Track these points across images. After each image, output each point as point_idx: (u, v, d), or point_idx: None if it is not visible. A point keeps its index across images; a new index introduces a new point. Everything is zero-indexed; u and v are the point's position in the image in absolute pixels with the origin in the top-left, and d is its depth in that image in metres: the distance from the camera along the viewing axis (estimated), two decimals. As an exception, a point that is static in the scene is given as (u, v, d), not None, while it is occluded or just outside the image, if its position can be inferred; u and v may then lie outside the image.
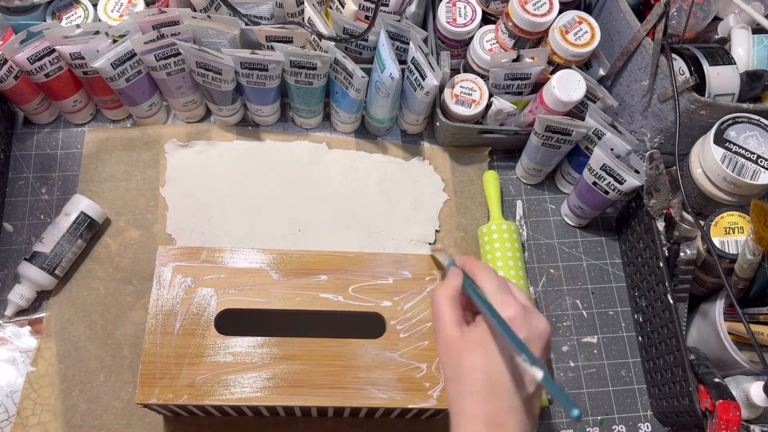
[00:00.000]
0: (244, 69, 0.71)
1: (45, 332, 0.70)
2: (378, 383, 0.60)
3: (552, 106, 0.72)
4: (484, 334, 0.44)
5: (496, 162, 0.84)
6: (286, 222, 0.77)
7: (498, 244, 0.74)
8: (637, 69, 0.73)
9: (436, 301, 0.47)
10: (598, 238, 0.81)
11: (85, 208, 0.72)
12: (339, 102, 0.78)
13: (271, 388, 0.58)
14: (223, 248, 0.64)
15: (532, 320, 0.45)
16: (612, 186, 0.71)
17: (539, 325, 0.45)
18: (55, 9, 0.77)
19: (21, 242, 0.74)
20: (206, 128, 0.81)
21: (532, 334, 0.44)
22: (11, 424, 0.66)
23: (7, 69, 0.71)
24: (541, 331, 0.45)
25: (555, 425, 0.71)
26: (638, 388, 0.73)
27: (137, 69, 0.72)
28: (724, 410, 0.59)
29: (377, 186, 0.80)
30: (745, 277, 0.63)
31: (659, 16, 0.68)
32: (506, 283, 0.47)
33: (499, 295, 0.46)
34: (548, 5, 0.73)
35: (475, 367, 0.43)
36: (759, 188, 0.65)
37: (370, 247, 0.76)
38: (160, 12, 0.70)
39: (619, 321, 0.77)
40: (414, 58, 0.71)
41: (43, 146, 0.80)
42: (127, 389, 0.68)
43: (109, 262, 0.74)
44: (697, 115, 0.69)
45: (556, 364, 0.74)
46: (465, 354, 0.44)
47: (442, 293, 0.47)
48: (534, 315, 0.45)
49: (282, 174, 0.80)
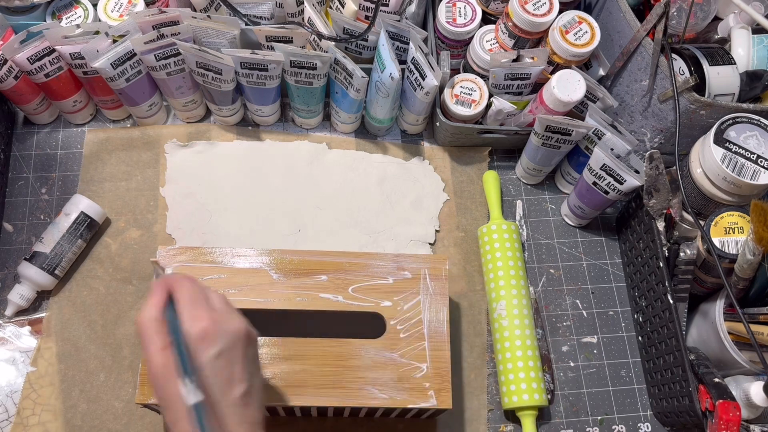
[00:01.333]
0: (244, 69, 0.71)
1: (45, 332, 0.70)
2: (378, 383, 0.60)
3: (552, 106, 0.72)
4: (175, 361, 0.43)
5: (496, 162, 0.84)
6: (286, 222, 0.77)
7: (498, 244, 0.74)
8: (637, 69, 0.73)
9: (140, 325, 0.44)
10: (598, 238, 0.81)
11: (85, 208, 0.72)
12: (339, 102, 0.78)
13: (271, 388, 0.58)
14: (223, 248, 0.64)
15: (225, 327, 0.44)
16: (612, 186, 0.71)
17: (233, 329, 0.45)
18: (55, 9, 0.77)
19: (21, 242, 0.74)
20: (206, 128, 0.81)
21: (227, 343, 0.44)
22: (11, 424, 0.66)
23: (7, 69, 0.71)
24: (235, 335, 0.45)
25: (555, 425, 0.71)
26: (638, 388, 0.73)
27: (137, 69, 0.72)
28: (724, 410, 0.59)
29: (377, 186, 0.80)
30: (745, 277, 0.63)
31: (659, 16, 0.68)
32: (202, 293, 0.46)
33: (191, 308, 0.44)
34: (548, 5, 0.73)
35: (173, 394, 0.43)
36: (759, 188, 0.65)
37: (370, 247, 0.76)
38: (160, 12, 0.70)
39: (619, 321, 0.77)
40: (414, 58, 0.71)
41: (43, 146, 0.80)
42: (127, 389, 0.68)
43: (109, 262, 0.74)
44: (697, 115, 0.69)
45: (556, 364, 0.74)
46: (169, 379, 0.43)
47: (145, 313, 0.44)
48: (228, 321, 0.45)
49: (282, 174, 0.80)
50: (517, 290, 0.72)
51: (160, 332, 0.44)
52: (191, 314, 0.44)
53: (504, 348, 0.70)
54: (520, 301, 0.71)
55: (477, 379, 0.72)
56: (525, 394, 0.67)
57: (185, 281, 0.47)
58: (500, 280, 0.73)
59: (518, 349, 0.69)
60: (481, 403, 0.71)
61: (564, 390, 0.73)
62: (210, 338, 0.44)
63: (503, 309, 0.71)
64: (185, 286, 0.46)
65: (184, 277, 0.47)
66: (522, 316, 0.71)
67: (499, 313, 0.71)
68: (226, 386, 0.44)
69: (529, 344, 0.70)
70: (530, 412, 0.68)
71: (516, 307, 0.71)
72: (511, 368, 0.69)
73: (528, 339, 0.70)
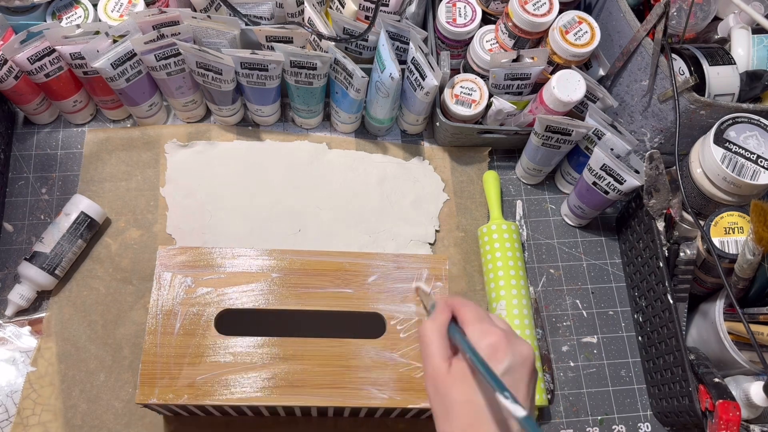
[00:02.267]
0: (244, 69, 0.71)
1: (45, 332, 0.70)
2: (378, 383, 0.60)
3: (552, 106, 0.72)
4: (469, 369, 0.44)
5: (496, 162, 0.84)
6: (286, 222, 0.77)
7: (498, 244, 0.74)
8: (637, 69, 0.73)
9: (424, 334, 0.46)
10: (598, 238, 0.81)
11: (86, 208, 0.72)
12: (339, 102, 0.78)
13: (272, 388, 0.58)
14: (223, 248, 0.64)
15: (515, 347, 0.44)
16: (612, 186, 0.71)
17: (522, 351, 0.44)
18: (55, 9, 0.77)
19: (21, 242, 0.74)
20: (206, 128, 0.81)
21: (515, 361, 0.44)
22: (11, 424, 0.66)
23: (7, 69, 0.71)
24: (525, 356, 0.44)
25: (555, 425, 0.71)
26: (638, 388, 0.74)
27: (137, 69, 0.72)
28: (724, 410, 0.59)
29: (377, 186, 0.80)
30: (745, 277, 0.63)
31: (659, 16, 0.68)
32: (487, 314, 0.47)
33: (479, 325, 0.45)
34: (548, 5, 0.73)
35: (463, 400, 0.43)
36: (759, 188, 0.65)
37: (370, 247, 0.76)
38: (160, 12, 0.70)
39: (619, 321, 0.77)
40: (414, 58, 0.71)
41: (43, 146, 0.80)
42: (128, 389, 0.68)
43: (109, 262, 0.74)
44: (696, 115, 0.69)
45: (556, 363, 0.74)
46: (451, 387, 0.44)
47: (430, 326, 0.46)
48: (516, 341, 0.45)
49: (282, 174, 0.80)
50: (517, 290, 0.72)
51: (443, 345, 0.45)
52: (480, 329, 0.45)
53: (504, 348, 0.70)
54: (520, 301, 0.72)
55: (477, 379, 0.72)
56: (525, 394, 0.67)
57: (469, 303, 0.47)
58: (500, 280, 0.73)
59: (518, 349, 0.69)
60: (481, 403, 0.71)
61: (564, 390, 0.73)
62: (501, 353, 0.43)
63: (503, 309, 0.71)
64: (469, 306, 0.47)
65: (466, 300, 0.48)
66: (522, 316, 0.71)
67: (499, 312, 0.71)
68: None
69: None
70: (530, 412, 0.68)
71: (516, 307, 0.71)
72: (511, 368, 0.69)
73: (528, 339, 0.70)
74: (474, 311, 0.47)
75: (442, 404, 0.44)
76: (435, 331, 0.46)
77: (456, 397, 0.43)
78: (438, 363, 0.45)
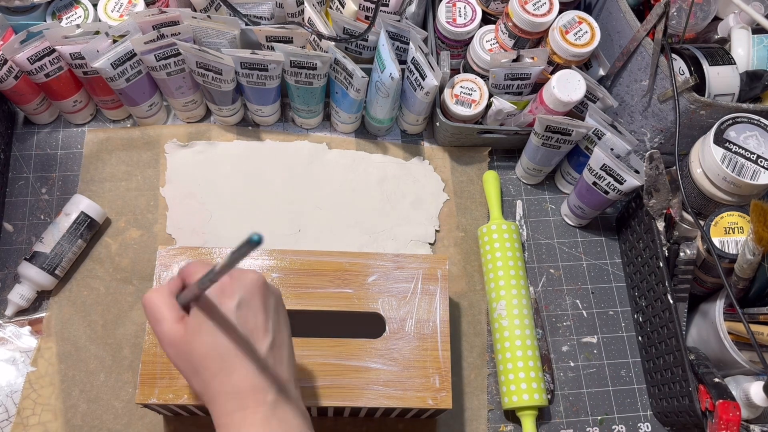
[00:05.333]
0: (244, 69, 0.71)
1: (45, 332, 0.70)
2: (378, 383, 0.60)
3: (552, 106, 0.72)
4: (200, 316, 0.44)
5: (496, 162, 0.84)
6: (286, 222, 0.77)
7: (498, 244, 0.74)
8: (637, 69, 0.73)
9: (149, 303, 0.45)
10: (598, 238, 0.81)
11: (86, 208, 0.72)
12: (339, 102, 0.78)
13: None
14: (223, 248, 0.64)
15: (241, 280, 0.45)
16: (612, 186, 0.71)
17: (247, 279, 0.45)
18: (55, 9, 0.77)
19: (21, 242, 0.74)
20: (206, 128, 0.81)
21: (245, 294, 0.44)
22: (11, 424, 0.66)
23: (7, 69, 0.71)
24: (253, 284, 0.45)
25: (555, 425, 0.71)
26: (638, 388, 0.74)
27: (137, 69, 0.72)
28: (724, 410, 0.59)
29: (377, 186, 0.80)
30: (745, 277, 0.63)
31: (659, 16, 0.68)
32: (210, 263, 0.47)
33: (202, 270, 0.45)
34: (548, 5, 0.73)
35: (206, 350, 0.43)
36: (759, 188, 0.65)
37: (370, 247, 0.76)
38: (160, 12, 0.70)
39: (619, 321, 0.77)
40: (414, 58, 0.71)
41: (43, 146, 0.80)
42: (128, 389, 0.68)
43: (109, 262, 0.74)
44: (696, 115, 0.69)
45: (556, 363, 0.74)
46: (192, 343, 0.44)
47: (154, 294, 0.46)
48: (241, 274, 0.45)
49: (282, 174, 0.80)
50: (517, 290, 0.72)
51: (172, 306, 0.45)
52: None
53: (504, 348, 0.70)
54: (520, 301, 0.72)
55: (477, 379, 0.72)
56: (525, 394, 0.67)
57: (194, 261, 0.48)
58: (500, 280, 0.73)
59: (518, 349, 0.69)
60: (481, 403, 0.71)
61: (564, 390, 0.73)
62: (228, 290, 0.44)
63: (503, 309, 0.71)
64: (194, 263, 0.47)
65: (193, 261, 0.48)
66: (522, 316, 0.71)
67: (499, 313, 0.71)
68: (255, 334, 0.44)
69: (529, 344, 0.70)
70: (530, 412, 0.68)
71: (516, 307, 0.71)
72: (511, 368, 0.69)
73: (528, 339, 0.70)
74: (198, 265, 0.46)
75: (188, 363, 0.44)
76: (160, 296, 0.45)
77: (199, 350, 0.43)
78: (170, 326, 0.44)
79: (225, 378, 0.43)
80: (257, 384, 0.43)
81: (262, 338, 0.44)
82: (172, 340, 0.44)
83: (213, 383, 0.43)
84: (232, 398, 0.43)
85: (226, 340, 0.43)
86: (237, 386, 0.43)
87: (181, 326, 0.44)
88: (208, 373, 0.43)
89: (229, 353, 0.43)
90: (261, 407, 0.43)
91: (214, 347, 0.43)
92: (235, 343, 0.43)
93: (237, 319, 0.44)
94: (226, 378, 0.43)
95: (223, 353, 0.43)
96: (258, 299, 0.45)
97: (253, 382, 0.43)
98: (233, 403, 0.43)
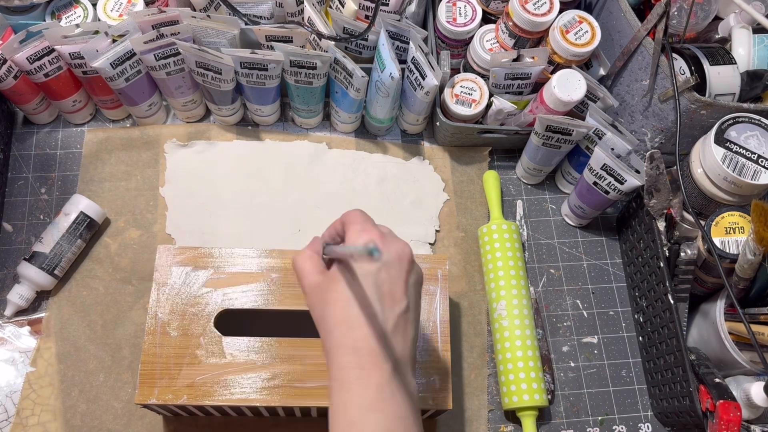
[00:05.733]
0: (244, 69, 0.71)
1: (44, 332, 0.70)
2: (378, 383, 0.59)
3: (552, 106, 0.72)
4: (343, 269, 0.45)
5: (496, 162, 0.84)
6: (286, 222, 0.77)
7: (498, 244, 0.74)
8: (637, 69, 0.73)
9: (296, 262, 0.48)
10: (598, 238, 0.81)
11: (85, 208, 0.71)
12: (339, 102, 0.78)
13: (271, 388, 0.58)
14: (222, 248, 0.64)
15: (391, 244, 0.45)
16: (612, 186, 0.71)
17: (398, 248, 0.46)
18: (54, 9, 0.77)
19: (20, 242, 0.74)
20: (206, 128, 0.81)
21: (391, 257, 0.45)
22: (11, 424, 0.66)
23: (6, 69, 0.70)
24: (400, 253, 0.46)
25: (555, 425, 0.71)
26: (639, 389, 0.73)
27: (137, 69, 0.72)
28: (725, 410, 0.59)
29: (377, 186, 0.80)
30: (746, 277, 0.62)
31: (660, 15, 0.67)
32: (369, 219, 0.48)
33: (358, 225, 0.46)
34: (548, 5, 0.73)
35: (337, 298, 0.44)
36: (759, 188, 0.65)
37: (370, 247, 0.76)
38: (159, 11, 0.70)
39: (620, 321, 0.77)
40: (414, 58, 0.71)
41: (43, 146, 0.79)
42: (127, 389, 0.68)
43: (108, 262, 0.74)
44: (697, 114, 0.68)
45: (556, 364, 0.74)
46: (327, 290, 0.45)
47: (300, 256, 0.48)
48: (393, 240, 0.46)
49: (282, 174, 0.79)
50: (517, 290, 0.72)
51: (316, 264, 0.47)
52: (358, 229, 0.46)
53: (504, 348, 0.70)
54: (520, 301, 0.71)
55: (477, 379, 0.72)
56: (525, 394, 0.67)
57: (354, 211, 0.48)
58: (500, 280, 0.73)
59: (518, 349, 0.69)
60: (482, 404, 0.71)
61: (564, 390, 0.73)
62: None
63: (503, 309, 0.71)
64: (353, 212, 0.48)
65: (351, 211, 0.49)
66: (522, 316, 0.71)
67: (500, 313, 0.71)
68: (388, 300, 0.44)
69: (530, 344, 0.70)
70: (530, 413, 0.68)
71: (516, 307, 0.71)
72: (511, 368, 0.69)
73: (528, 339, 0.70)
74: (356, 215, 0.47)
75: (320, 307, 0.45)
76: (305, 257, 0.47)
77: (330, 297, 0.45)
78: (314, 277, 0.46)
79: (347, 331, 0.43)
80: (375, 349, 0.43)
81: (393, 306, 0.44)
82: (311, 286, 0.46)
83: (335, 333, 0.44)
84: (350, 353, 0.43)
85: (357, 295, 0.44)
86: (356, 343, 0.43)
87: (320, 276, 0.46)
88: (332, 320, 0.44)
89: (356, 308, 0.44)
90: (377, 372, 0.43)
91: (344, 298, 0.44)
92: (364, 301, 0.44)
93: (375, 280, 0.44)
94: (348, 332, 0.43)
95: (351, 306, 0.44)
96: (401, 268, 0.45)
97: (372, 345, 0.43)
98: (350, 358, 0.43)
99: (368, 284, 0.44)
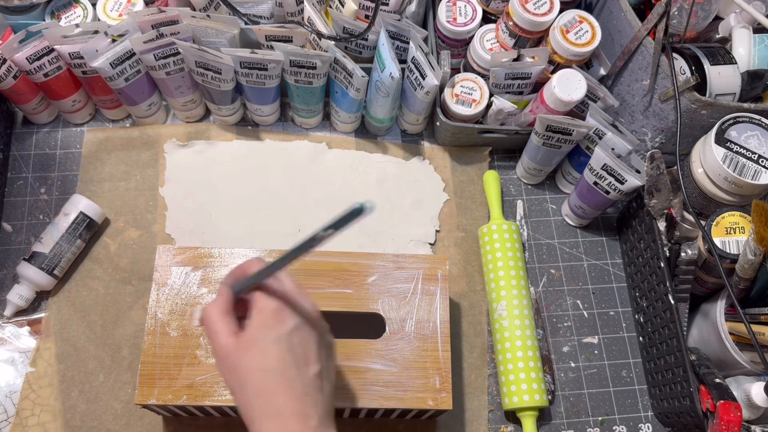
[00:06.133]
0: (244, 68, 0.70)
1: (44, 332, 0.70)
2: (378, 383, 0.59)
3: (552, 106, 0.72)
4: (255, 331, 0.44)
5: (496, 162, 0.84)
6: (286, 222, 0.77)
7: (498, 244, 0.74)
8: (637, 68, 0.72)
9: (207, 317, 0.46)
10: (598, 238, 0.81)
11: (84, 208, 0.71)
12: (339, 102, 0.78)
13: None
14: (222, 248, 0.63)
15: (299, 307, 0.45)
16: (613, 186, 0.71)
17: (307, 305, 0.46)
18: (54, 8, 0.76)
19: (20, 242, 0.74)
20: (206, 128, 0.81)
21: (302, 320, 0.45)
22: (10, 424, 0.66)
23: (6, 68, 0.70)
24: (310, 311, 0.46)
25: (556, 426, 0.71)
26: (639, 389, 0.73)
27: (136, 68, 0.71)
28: (725, 411, 0.58)
29: (377, 186, 0.80)
30: (746, 278, 0.62)
31: (660, 15, 0.67)
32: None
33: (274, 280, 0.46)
34: (549, 4, 0.73)
35: (253, 367, 0.43)
36: (760, 188, 0.65)
37: (370, 247, 0.76)
38: (159, 11, 0.70)
39: (620, 321, 0.76)
40: (414, 58, 0.71)
41: (42, 146, 0.79)
42: (127, 390, 0.68)
43: (108, 262, 0.73)
44: (698, 114, 0.68)
45: (556, 364, 0.74)
46: (242, 358, 0.44)
47: (211, 308, 0.46)
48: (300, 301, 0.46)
49: (282, 174, 0.79)
50: (517, 290, 0.72)
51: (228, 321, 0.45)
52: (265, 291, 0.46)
53: (504, 348, 0.70)
54: (520, 301, 0.71)
55: (477, 379, 0.72)
56: (525, 394, 0.67)
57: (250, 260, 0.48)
58: (501, 280, 0.73)
59: (519, 349, 0.69)
60: (482, 404, 0.71)
61: (565, 390, 0.73)
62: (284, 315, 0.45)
63: (504, 309, 0.71)
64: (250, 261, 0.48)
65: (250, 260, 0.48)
66: (522, 317, 0.70)
67: (500, 313, 0.71)
68: (303, 363, 0.44)
69: (530, 345, 0.70)
70: (531, 413, 0.68)
71: (516, 307, 0.71)
72: (511, 369, 0.69)
73: (528, 339, 0.70)
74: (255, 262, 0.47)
75: (236, 378, 0.44)
76: (217, 310, 0.46)
77: (246, 366, 0.44)
78: (224, 339, 0.45)
79: (269, 399, 0.43)
80: (299, 410, 0.43)
81: (308, 368, 0.44)
82: (224, 352, 0.45)
83: (256, 404, 0.43)
84: (274, 419, 0.43)
85: (273, 361, 0.43)
86: (279, 409, 0.43)
87: (233, 340, 0.45)
88: (251, 390, 0.43)
89: (274, 374, 0.43)
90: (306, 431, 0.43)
91: (261, 366, 0.43)
92: (281, 366, 0.43)
93: (288, 344, 0.44)
94: (270, 400, 0.43)
95: (269, 376, 0.43)
96: (313, 329, 0.46)
97: (294, 407, 0.43)
98: (275, 424, 0.43)
99: (283, 350, 0.43)
